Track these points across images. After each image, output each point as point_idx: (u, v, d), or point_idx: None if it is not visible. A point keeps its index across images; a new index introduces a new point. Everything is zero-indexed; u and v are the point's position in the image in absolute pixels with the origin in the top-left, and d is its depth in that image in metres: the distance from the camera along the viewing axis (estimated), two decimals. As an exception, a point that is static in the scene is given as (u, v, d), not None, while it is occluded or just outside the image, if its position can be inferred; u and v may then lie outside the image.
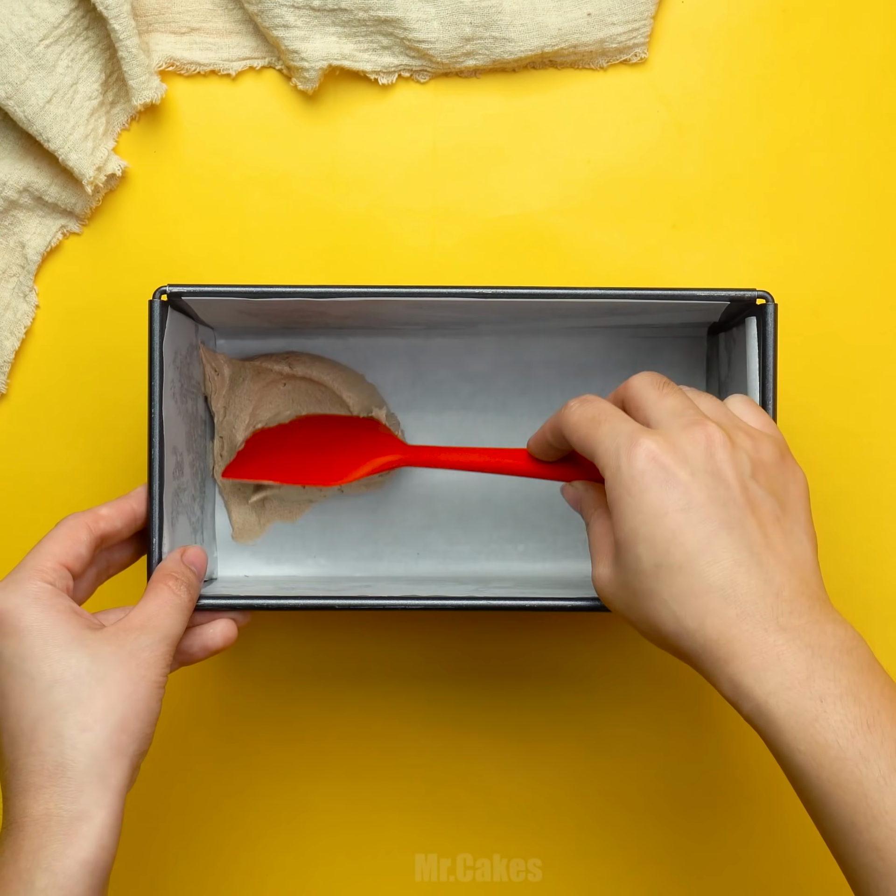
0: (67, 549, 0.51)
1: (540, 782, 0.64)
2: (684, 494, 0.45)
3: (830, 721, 0.42)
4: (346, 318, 0.58)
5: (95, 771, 0.46)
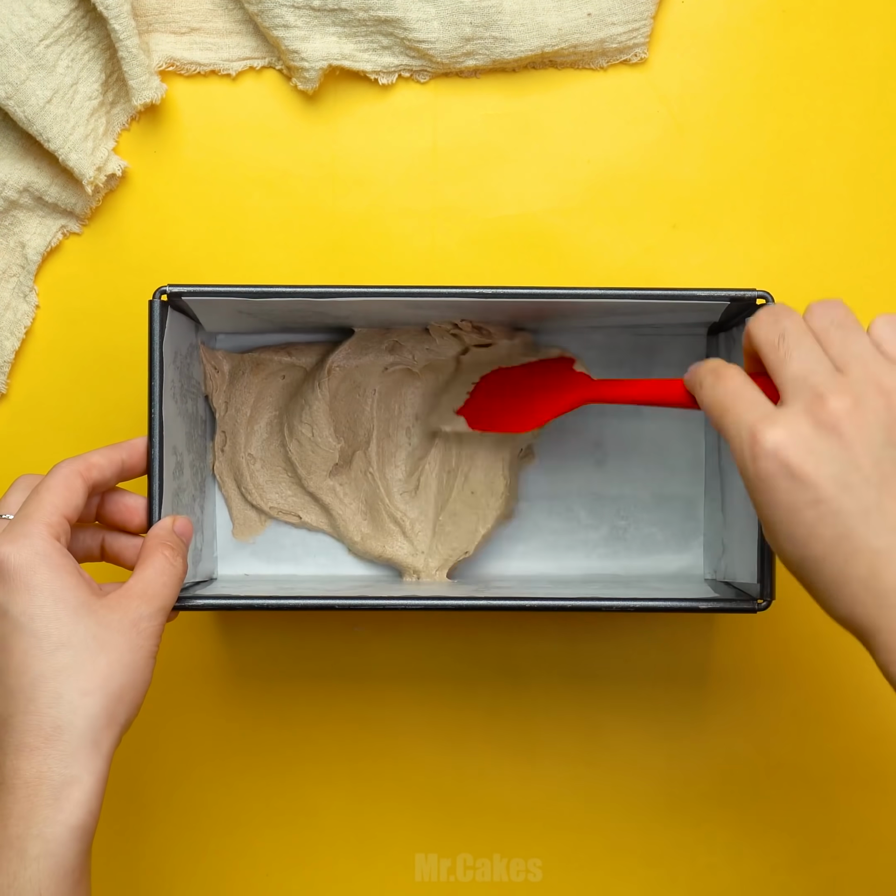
0: (67, 500, 0.51)
1: (540, 782, 0.64)
2: (812, 489, 0.44)
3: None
4: (346, 318, 0.58)
5: (90, 737, 0.47)
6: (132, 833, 0.64)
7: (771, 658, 0.64)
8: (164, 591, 0.50)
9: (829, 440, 0.44)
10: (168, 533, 0.53)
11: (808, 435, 0.44)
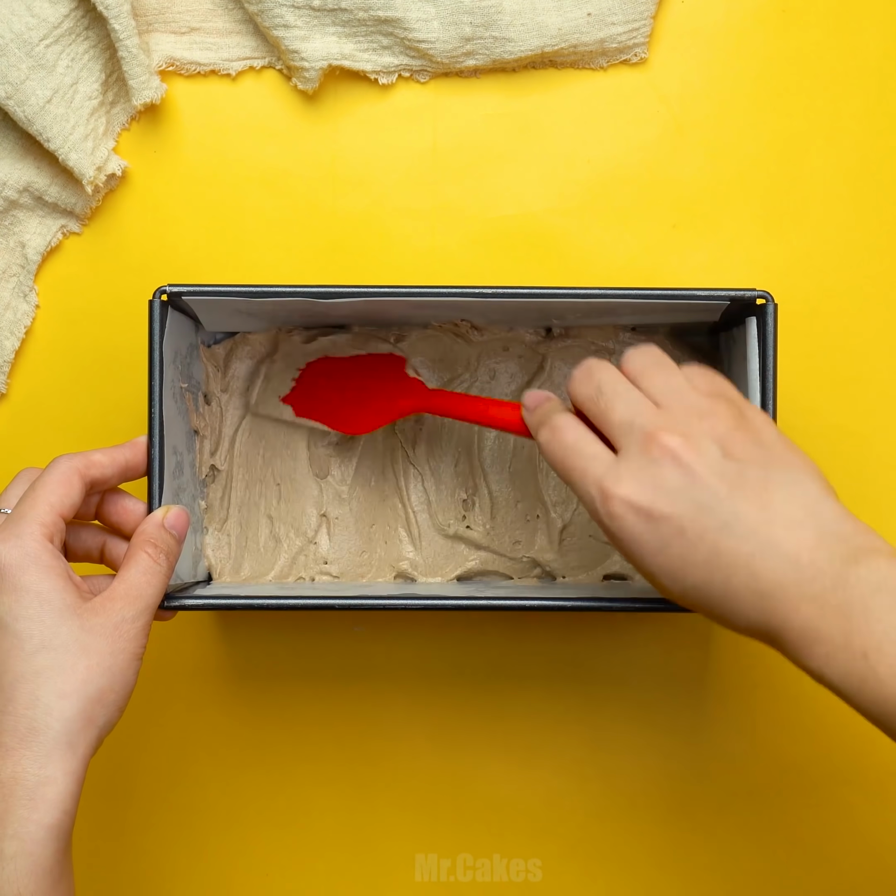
0: (63, 499, 0.51)
1: (540, 782, 0.64)
2: (671, 522, 0.45)
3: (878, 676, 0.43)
4: (346, 317, 0.58)
5: (66, 739, 0.47)
6: (131, 832, 0.64)
7: (771, 658, 0.64)
8: (147, 590, 0.50)
9: (672, 473, 0.45)
10: (155, 529, 0.52)
11: (651, 474, 0.45)
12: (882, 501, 0.63)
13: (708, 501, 0.45)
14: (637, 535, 0.46)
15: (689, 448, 0.46)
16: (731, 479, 0.45)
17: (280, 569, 0.61)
